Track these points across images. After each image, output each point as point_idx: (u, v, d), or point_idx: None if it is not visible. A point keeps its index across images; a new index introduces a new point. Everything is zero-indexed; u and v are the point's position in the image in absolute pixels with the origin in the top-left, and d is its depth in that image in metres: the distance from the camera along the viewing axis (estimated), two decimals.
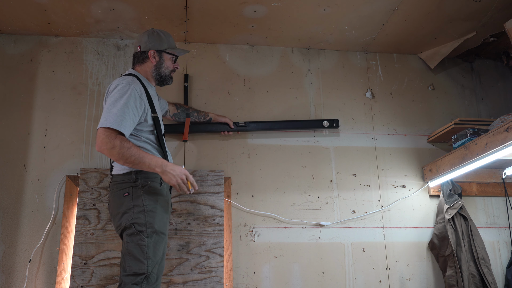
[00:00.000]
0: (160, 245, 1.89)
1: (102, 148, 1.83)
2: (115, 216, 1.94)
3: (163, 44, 2.16)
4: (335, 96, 3.05)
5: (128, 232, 1.86)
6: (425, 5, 2.64)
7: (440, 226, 2.74)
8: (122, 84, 1.95)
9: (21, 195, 2.57)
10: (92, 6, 2.59)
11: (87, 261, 2.38)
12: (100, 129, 1.84)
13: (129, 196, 1.90)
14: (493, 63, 3.33)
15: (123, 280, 1.80)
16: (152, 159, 1.88)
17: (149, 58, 2.14)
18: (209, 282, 2.43)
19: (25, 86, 2.76)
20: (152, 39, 2.15)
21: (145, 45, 2.14)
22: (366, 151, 2.96)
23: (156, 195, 1.94)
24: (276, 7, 2.65)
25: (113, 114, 1.86)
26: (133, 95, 1.93)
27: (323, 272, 2.67)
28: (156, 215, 1.90)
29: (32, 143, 2.67)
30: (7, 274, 2.43)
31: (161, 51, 2.16)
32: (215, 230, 2.53)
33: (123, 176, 1.95)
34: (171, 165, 1.91)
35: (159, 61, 2.15)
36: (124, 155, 1.82)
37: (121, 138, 1.84)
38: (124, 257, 1.85)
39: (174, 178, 1.90)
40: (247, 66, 3.02)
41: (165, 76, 2.18)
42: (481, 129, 2.60)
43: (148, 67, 2.15)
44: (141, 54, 2.15)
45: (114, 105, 1.88)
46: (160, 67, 2.15)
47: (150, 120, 2.02)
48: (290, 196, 2.79)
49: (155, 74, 2.15)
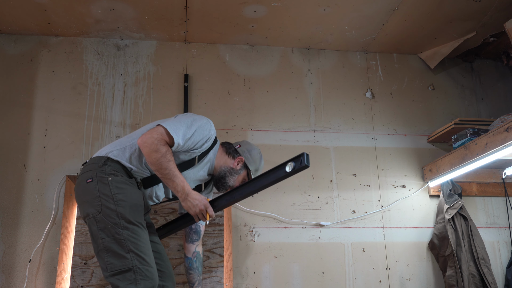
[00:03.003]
0: (141, 235, 1.72)
1: (146, 145, 1.74)
2: (80, 204, 1.79)
3: (253, 165, 2.06)
4: (335, 96, 3.05)
5: (100, 226, 1.69)
6: (425, 5, 2.64)
7: (440, 226, 2.74)
8: (203, 117, 1.94)
9: (21, 195, 2.57)
10: (92, 6, 2.59)
11: (87, 261, 2.37)
12: (160, 126, 1.78)
13: (93, 183, 1.73)
14: (493, 63, 3.33)
15: (112, 283, 1.65)
16: (180, 182, 1.79)
17: (234, 159, 2.03)
18: (209, 282, 2.43)
19: (25, 86, 2.77)
20: (253, 154, 2.07)
21: (243, 152, 2.05)
22: (366, 151, 2.96)
23: (125, 183, 1.78)
24: (276, 7, 2.65)
25: (180, 125, 1.81)
26: (205, 128, 1.89)
27: (323, 272, 2.68)
28: (128, 204, 1.73)
29: (32, 143, 2.67)
30: (7, 274, 2.43)
31: (247, 167, 2.05)
32: (215, 230, 2.53)
33: (92, 159, 1.83)
34: (194, 194, 1.83)
35: (238, 170, 2.03)
36: (162, 164, 1.74)
37: (168, 148, 1.77)
38: (101, 255, 1.69)
39: (194, 208, 1.82)
40: (247, 66, 3.02)
41: (226, 182, 2.03)
42: (481, 129, 2.60)
43: (226, 161, 2.03)
44: (234, 150, 2.05)
45: (185, 119, 1.86)
46: (233, 173, 2.02)
47: (189, 156, 1.91)
48: (290, 196, 2.79)
49: (223, 172, 2.02)
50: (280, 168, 1.87)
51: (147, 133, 1.77)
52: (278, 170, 1.87)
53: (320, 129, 2.96)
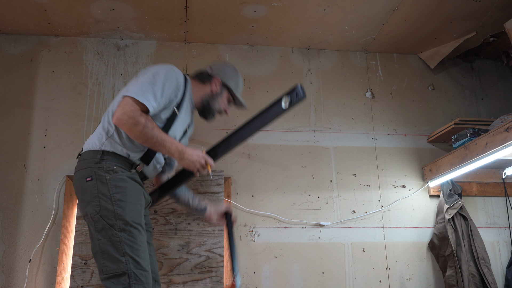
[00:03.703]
0: (137, 237, 1.68)
1: (123, 121, 1.67)
2: (79, 202, 1.77)
3: (232, 82, 2.01)
4: (335, 96, 3.05)
5: (98, 227, 1.67)
6: (425, 5, 2.64)
7: (440, 226, 2.74)
8: (167, 67, 1.83)
9: (21, 195, 2.57)
10: (92, 6, 2.59)
11: (87, 261, 2.37)
12: (127, 98, 1.69)
13: (93, 182, 1.70)
14: (493, 63, 3.33)
15: (106, 286, 1.63)
16: (172, 144, 1.76)
17: (211, 83, 1.98)
18: (209, 282, 2.43)
19: (25, 86, 2.77)
20: (227, 71, 2.02)
21: (217, 71, 2.00)
22: (366, 151, 2.96)
23: (124, 181, 1.74)
24: (276, 7, 2.65)
25: (145, 87, 1.72)
26: (171, 77, 1.80)
27: (323, 272, 2.68)
28: (126, 205, 1.69)
29: (32, 143, 2.67)
30: (7, 274, 2.43)
31: (226, 86, 2.01)
32: (215, 230, 2.53)
33: (89, 153, 1.77)
34: (189, 151, 1.79)
35: (218, 92, 1.99)
36: (147, 134, 1.69)
37: (146, 116, 1.71)
38: (97, 257, 1.67)
39: (193, 164, 1.79)
40: (247, 66, 3.02)
41: (212, 109, 2.00)
42: (481, 129, 2.60)
43: (204, 90, 1.99)
44: (207, 75, 2.00)
45: (148, 78, 1.76)
46: (215, 97, 1.99)
47: (168, 112, 1.84)
48: (290, 196, 2.79)
49: (205, 101, 1.98)
50: (275, 105, 1.72)
51: (118, 110, 1.69)
52: (273, 107, 1.73)
53: (320, 129, 2.96)
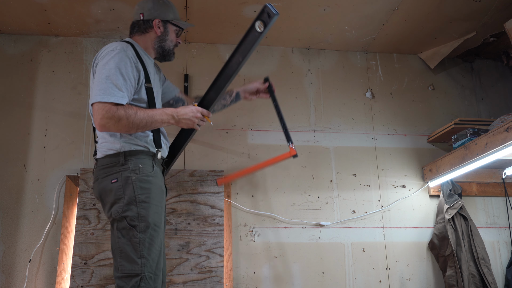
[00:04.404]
0: (155, 240, 1.71)
1: (107, 125, 1.65)
2: (104, 205, 1.78)
3: (169, 13, 1.94)
4: (335, 96, 3.05)
5: (119, 226, 1.68)
6: (425, 5, 2.64)
7: (440, 226, 2.74)
8: (111, 50, 1.75)
9: (21, 195, 2.57)
10: (92, 6, 2.59)
11: (87, 261, 2.38)
12: (96, 104, 1.65)
13: (118, 183, 1.70)
14: (493, 63, 3.33)
15: (117, 284, 1.66)
16: (162, 114, 1.75)
17: (153, 28, 1.91)
18: (209, 282, 2.43)
19: (25, 86, 2.77)
20: (158, 7, 1.92)
21: (149, 13, 1.90)
22: (366, 151, 2.96)
23: (149, 182, 1.74)
24: (276, 7, 2.63)
25: (103, 85, 1.66)
26: (121, 58, 1.73)
27: (323, 272, 2.68)
28: (150, 206, 1.71)
29: (32, 143, 2.67)
30: (7, 274, 2.43)
31: (167, 21, 1.93)
32: (215, 230, 2.53)
33: (109, 158, 1.75)
34: (181, 112, 1.79)
35: (164, 32, 1.93)
36: (135, 122, 1.67)
37: (123, 106, 1.67)
38: (115, 254, 1.69)
39: (191, 121, 1.82)
40: (247, 66, 3.02)
41: (168, 49, 1.96)
42: (481, 129, 2.60)
43: (150, 38, 1.92)
44: (143, 22, 1.91)
45: (102, 75, 1.69)
46: (164, 39, 1.93)
47: (144, 91, 1.81)
48: (290, 196, 2.79)
49: (157, 47, 1.94)
50: (250, 33, 1.76)
51: (96, 120, 1.66)
52: (249, 35, 1.77)
53: (320, 129, 2.96)
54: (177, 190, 2.57)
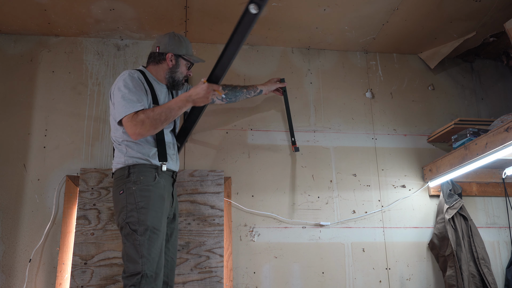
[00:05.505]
0: (155, 242, 1.89)
1: (138, 132, 1.89)
2: (115, 214, 2.00)
3: (182, 49, 2.18)
4: (335, 96, 3.05)
5: (124, 232, 1.90)
6: (425, 5, 2.64)
7: (440, 226, 2.74)
8: (120, 77, 2.04)
9: (21, 195, 2.57)
10: (92, 6, 2.59)
11: (87, 261, 2.38)
12: (123, 121, 1.92)
13: (123, 194, 1.93)
14: (493, 63, 3.33)
15: (123, 283, 1.85)
16: (177, 102, 1.97)
17: (166, 60, 2.17)
18: (209, 282, 2.44)
19: (25, 86, 2.77)
20: (173, 42, 2.17)
21: (164, 47, 2.16)
22: (366, 151, 2.96)
23: (149, 190, 1.94)
24: (276, 7, 2.65)
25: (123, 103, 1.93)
26: (132, 80, 2.00)
27: (323, 272, 2.68)
28: (148, 211, 1.90)
29: (32, 143, 2.67)
30: (7, 274, 2.43)
31: (179, 56, 2.18)
32: (215, 230, 2.53)
33: (119, 171, 2.00)
34: (193, 93, 1.98)
35: (175, 65, 2.18)
36: (155, 118, 1.90)
37: (141, 111, 1.92)
38: (123, 258, 1.89)
39: (205, 97, 1.99)
40: (247, 66, 3.02)
41: (178, 80, 2.20)
42: (481, 129, 2.60)
43: (162, 68, 2.18)
44: (158, 54, 2.17)
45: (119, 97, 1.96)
46: (175, 71, 2.18)
47: None
48: (290, 196, 2.79)
49: (168, 77, 2.18)
50: (246, 16, 1.87)
51: (128, 130, 1.91)
52: (245, 18, 1.88)
53: (320, 129, 2.96)
54: (177, 190, 2.57)
